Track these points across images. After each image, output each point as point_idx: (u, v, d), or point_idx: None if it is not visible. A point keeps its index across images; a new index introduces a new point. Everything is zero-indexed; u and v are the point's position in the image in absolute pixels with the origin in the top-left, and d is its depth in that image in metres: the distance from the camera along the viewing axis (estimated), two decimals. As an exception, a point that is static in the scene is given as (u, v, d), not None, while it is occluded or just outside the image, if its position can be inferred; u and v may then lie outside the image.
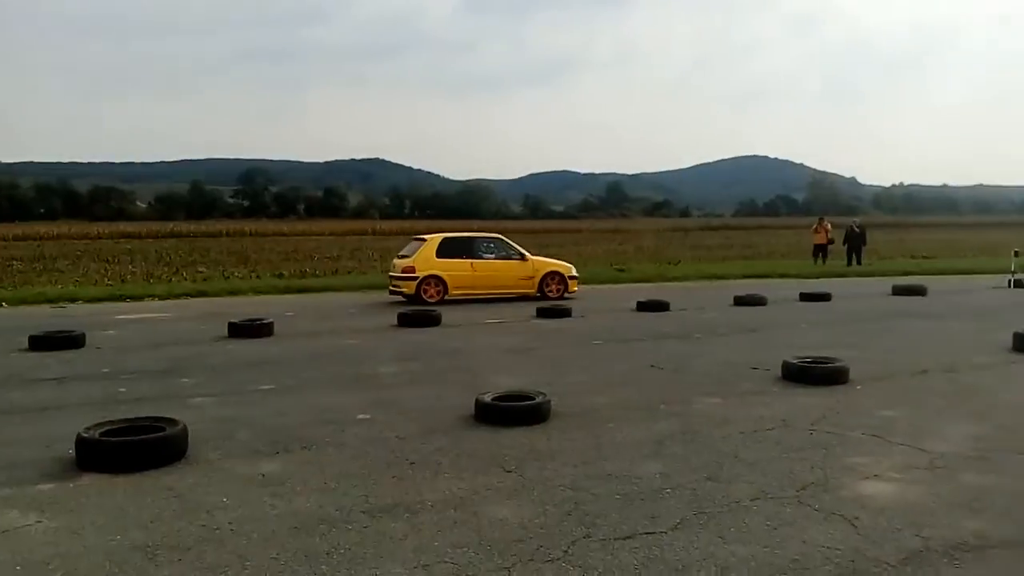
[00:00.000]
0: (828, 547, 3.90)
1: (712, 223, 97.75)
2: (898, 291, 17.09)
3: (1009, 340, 9.79)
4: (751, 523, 4.22)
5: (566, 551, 3.87)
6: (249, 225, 74.89)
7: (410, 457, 5.44)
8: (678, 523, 4.22)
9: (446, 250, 16.37)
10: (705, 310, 14.44)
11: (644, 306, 14.28)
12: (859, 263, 26.02)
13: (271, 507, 4.50)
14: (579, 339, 11.01)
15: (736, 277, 22.33)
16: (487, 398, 6.50)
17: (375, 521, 4.27)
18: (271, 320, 11.74)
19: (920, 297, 16.54)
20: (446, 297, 15.97)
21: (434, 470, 5.16)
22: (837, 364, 7.95)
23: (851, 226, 27.29)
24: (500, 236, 18.04)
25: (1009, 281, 18.83)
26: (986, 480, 4.92)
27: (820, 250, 26.90)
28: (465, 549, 3.89)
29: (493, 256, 16.88)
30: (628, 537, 4.03)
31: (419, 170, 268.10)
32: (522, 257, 16.99)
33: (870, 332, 11.52)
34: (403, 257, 16.66)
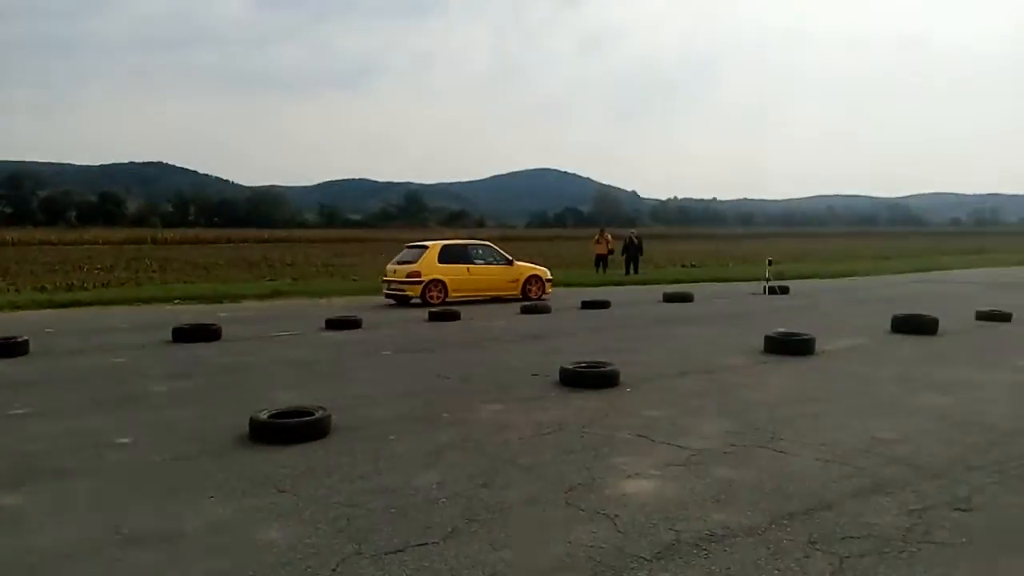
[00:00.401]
0: (591, 546, 4.08)
1: (507, 234, 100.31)
2: (668, 298, 18.34)
3: (761, 343, 10.77)
4: (521, 527, 4.34)
5: (335, 569, 3.79)
6: (11, 233, 67.48)
7: (173, 482, 5.12)
8: (450, 532, 4.26)
9: (445, 256, 18.17)
10: (493, 319, 14.77)
11: (435, 316, 14.43)
12: (636, 272, 27.68)
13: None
14: (367, 350, 10.88)
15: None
16: (263, 415, 6.25)
17: (126, 553, 3.97)
18: (26, 338, 10.67)
19: (688, 303, 17.83)
20: (447, 299, 17.54)
21: (199, 494, 4.88)
22: (609, 368, 8.39)
23: (629, 237, 28.97)
24: (490, 244, 19.97)
25: (764, 288, 20.74)
26: (735, 473, 5.36)
27: (601, 260, 28.32)
28: (227, 577, 3.71)
29: (484, 262, 18.83)
30: (399, 550, 4.01)
31: (206, 175, 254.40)
32: (509, 262, 18.97)
33: (641, 337, 12.27)
34: (404, 263, 18.15)
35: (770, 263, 22.05)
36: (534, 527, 4.34)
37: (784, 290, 20.53)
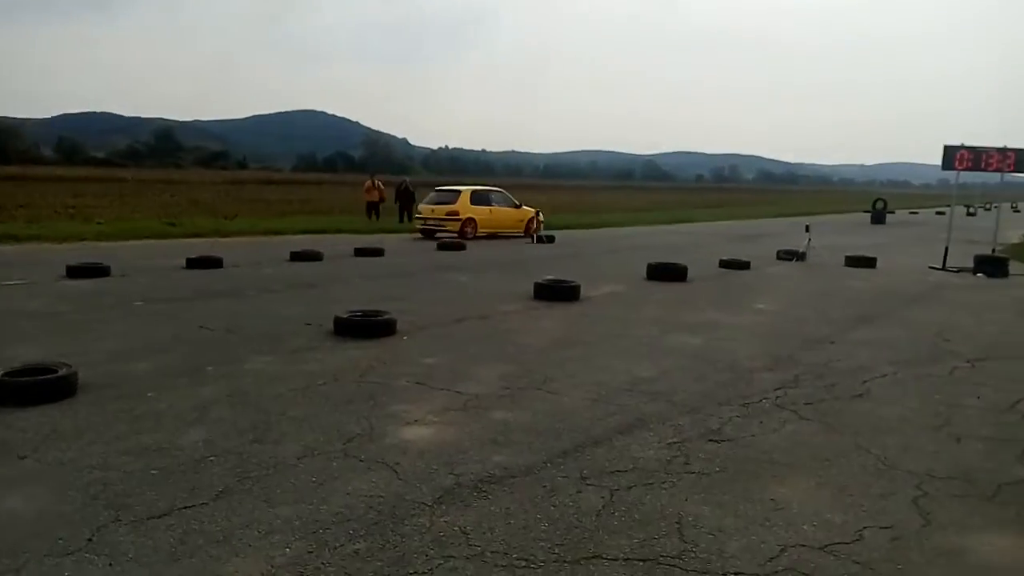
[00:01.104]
0: (371, 495, 4.01)
1: (272, 176, 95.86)
2: (442, 246, 18.48)
3: (531, 289, 11.12)
4: (297, 482, 4.17)
5: (90, 539, 3.44)
6: None
7: None
8: (220, 492, 4.01)
9: (474, 199, 22.15)
10: (261, 266, 14.09)
11: (195, 263, 13.47)
12: (410, 220, 27.54)
13: None
14: (117, 301, 9.95)
15: (294, 232, 22.18)
16: (-7, 375, 5.53)
17: None
18: None
19: (460, 252, 18.05)
20: (476, 235, 21.29)
21: (-85, 467, 4.23)
22: (385, 317, 8.28)
23: (403, 184, 28.72)
24: (502, 190, 24.34)
25: (533, 236, 21.48)
26: (511, 416, 5.49)
27: (373, 207, 27.89)
28: (-46, 559, 3.24)
29: (500, 205, 22.98)
30: (164, 514, 3.71)
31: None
32: (517, 206, 23.39)
33: (417, 285, 12.26)
34: (442, 204, 21.84)
35: (538, 213, 22.83)
36: (311, 481, 4.19)
37: (551, 239, 21.37)
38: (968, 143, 17.04)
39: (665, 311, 10.26)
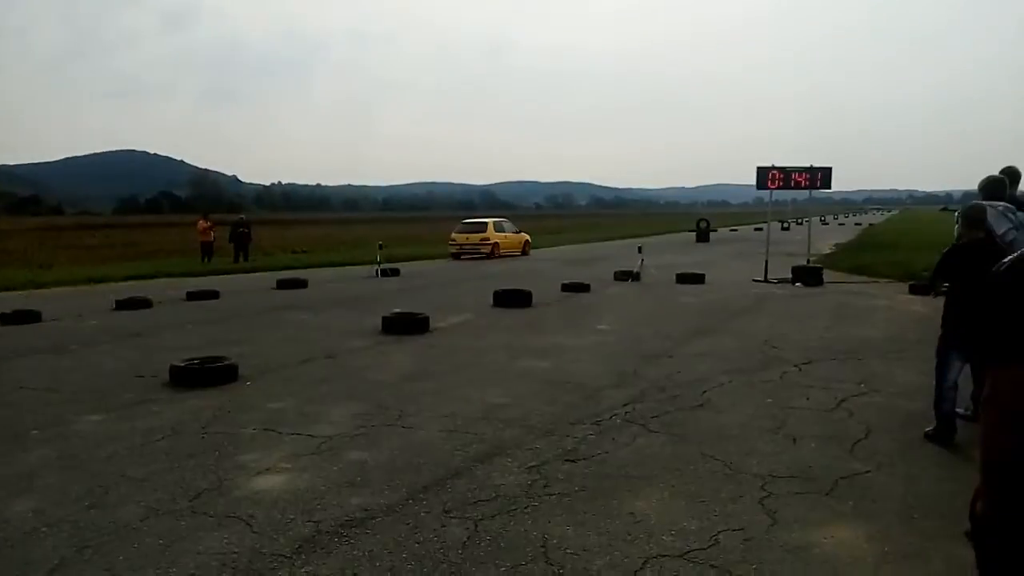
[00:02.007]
0: (224, 552, 3.79)
1: (91, 221, 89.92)
2: (282, 285, 17.91)
3: (379, 323, 10.97)
4: (142, 546, 3.88)
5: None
6: None
7: None
8: (56, 564, 3.68)
9: (496, 228, 29.51)
10: (84, 317, 13.11)
11: (8, 318, 12.35)
12: (246, 259, 26.60)
13: None
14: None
15: (119, 279, 20.83)
16: None
17: None
18: None
19: (303, 290, 17.58)
20: (499, 254, 28.32)
21: None
22: (225, 362, 7.91)
23: (237, 223, 27.72)
24: (508, 220, 32.36)
25: (376, 271, 21.22)
26: (367, 455, 5.36)
27: (206, 248, 26.74)
28: None
29: (509, 231, 30.44)
30: (-12, 599, 3.36)
31: None
32: (518, 232, 31.05)
33: (258, 327, 11.80)
34: (474, 232, 29.02)
35: (381, 246, 22.61)
36: (158, 543, 3.91)
37: (395, 272, 21.22)
38: (779, 163, 18.44)
39: (513, 337, 10.39)
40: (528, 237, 31.64)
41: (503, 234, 29.80)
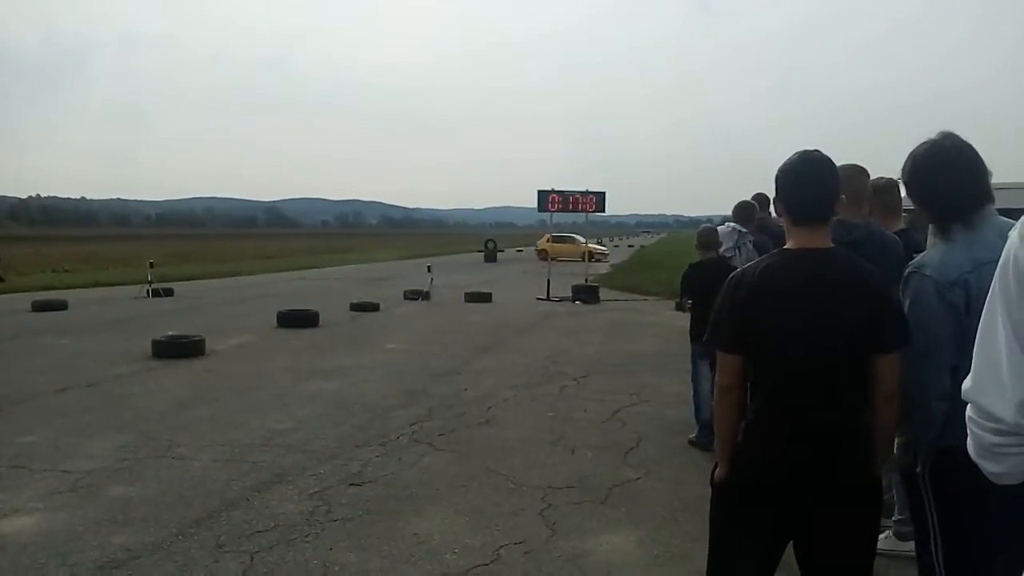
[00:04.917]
0: (-43, 611, 3.36)
1: None
2: (38, 307, 16.26)
3: (149, 347, 10.23)
4: None
5: None
6: None
7: None
8: None
9: (583, 241, 33.06)
10: None
11: None
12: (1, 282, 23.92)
13: None
14: None
15: None
16: None
17: None
18: None
19: (62, 312, 16.05)
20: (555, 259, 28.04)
21: None
22: (-33, 394, 7.07)
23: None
24: (573, 235, 38.99)
25: (147, 291, 19.79)
26: (132, 490, 4.97)
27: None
28: None
29: (584, 242, 32.15)
30: None
31: None
32: (584, 242, 32.05)
33: (7, 353, 10.62)
34: (573, 244, 37.12)
35: (152, 265, 21.11)
36: None
37: (168, 292, 19.90)
38: (558, 187, 19.29)
39: (298, 359, 10.08)
40: (599, 247, 40.66)
41: (583, 243, 34.62)
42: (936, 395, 2.29)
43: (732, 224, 6.37)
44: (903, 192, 2.75)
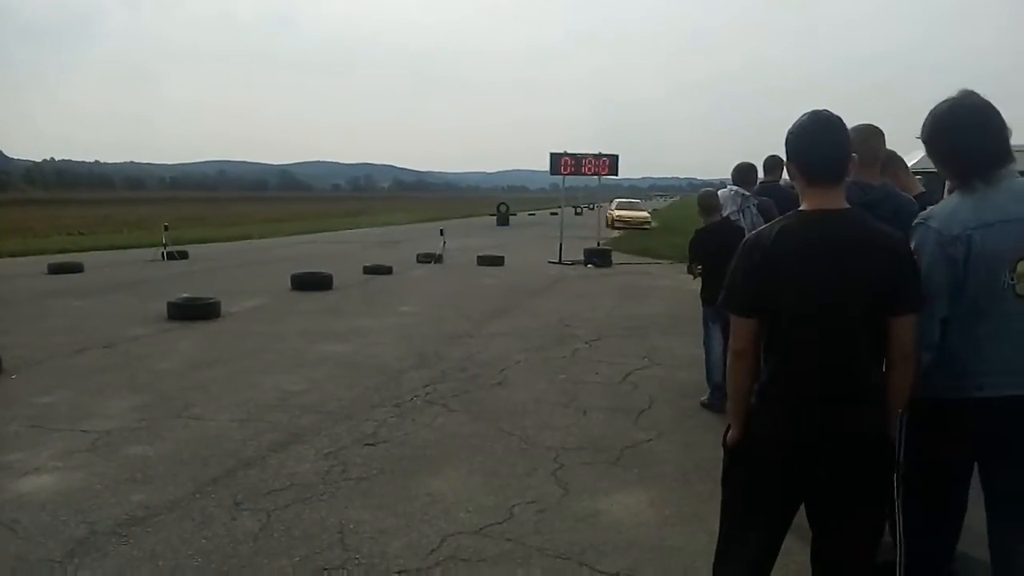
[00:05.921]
0: (-18, 564, 3.43)
1: None
2: (54, 270, 16.39)
3: (165, 310, 10.31)
4: None
5: None
6: None
7: None
8: None
9: (644, 206, 44.49)
10: None
11: None
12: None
13: None
14: None
15: None
16: None
17: None
18: None
19: (78, 274, 16.17)
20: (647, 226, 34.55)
21: None
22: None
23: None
24: (636, 200, 48.79)
25: (162, 254, 19.90)
26: (150, 449, 5.04)
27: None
28: None
29: (634, 209, 39.65)
30: None
31: None
32: (642, 209, 41.02)
33: (23, 316, 10.71)
34: (634, 209, 39.25)
35: (166, 228, 21.21)
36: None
37: (183, 255, 20.00)
38: (571, 150, 19.16)
39: (312, 321, 10.13)
40: (647, 213, 40.09)
41: (646, 211, 40.92)
42: (925, 344, 2.30)
43: (733, 187, 6.32)
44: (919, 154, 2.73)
